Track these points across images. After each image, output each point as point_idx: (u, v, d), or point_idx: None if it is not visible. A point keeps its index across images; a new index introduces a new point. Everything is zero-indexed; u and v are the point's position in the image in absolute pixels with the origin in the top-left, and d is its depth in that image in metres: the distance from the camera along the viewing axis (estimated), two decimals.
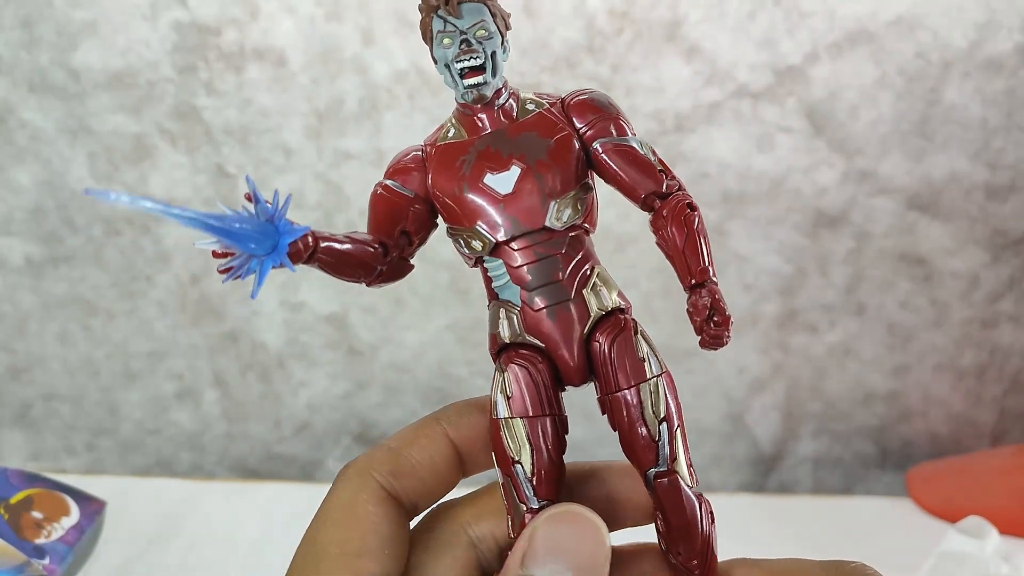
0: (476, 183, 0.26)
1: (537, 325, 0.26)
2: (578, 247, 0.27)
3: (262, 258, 0.23)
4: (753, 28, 0.62)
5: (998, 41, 0.62)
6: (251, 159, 0.64)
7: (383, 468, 0.25)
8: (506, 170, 0.26)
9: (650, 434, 0.25)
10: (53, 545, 0.50)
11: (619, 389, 0.25)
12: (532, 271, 0.26)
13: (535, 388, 0.26)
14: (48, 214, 0.66)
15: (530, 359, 0.26)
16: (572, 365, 0.26)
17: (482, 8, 0.26)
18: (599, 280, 0.27)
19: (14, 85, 0.63)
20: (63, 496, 0.54)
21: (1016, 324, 0.69)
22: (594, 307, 0.26)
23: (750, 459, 0.71)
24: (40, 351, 0.69)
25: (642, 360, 0.25)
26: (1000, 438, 0.71)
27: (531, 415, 0.25)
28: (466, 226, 0.27)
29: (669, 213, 0.26)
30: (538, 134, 0.27)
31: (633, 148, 0.27)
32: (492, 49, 0.26)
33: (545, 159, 0.26)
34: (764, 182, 0.65)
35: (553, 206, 0.26)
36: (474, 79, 0.26)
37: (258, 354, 0.69)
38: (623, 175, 0.27)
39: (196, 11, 0.61)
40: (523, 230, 0.26)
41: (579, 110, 0.27)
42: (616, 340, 0.26)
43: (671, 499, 0.25)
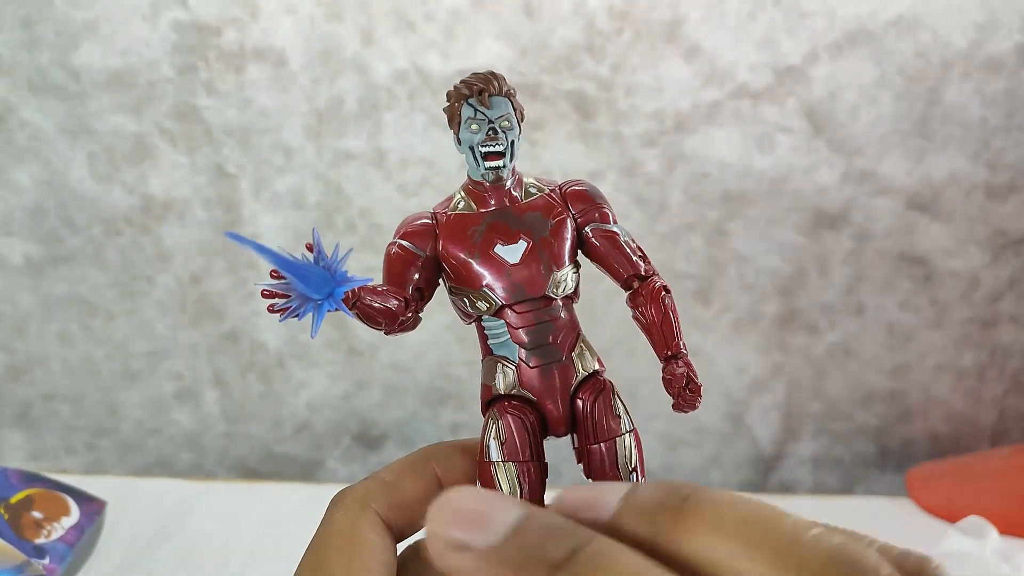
0: (487, 251, 0.30)
1: (531, 381, 0.30)
2: (569, 315, 0.31)
3: (319, 302, 0.26)
4: (753, 28, 0.62)
5: (998, 41, 0.62)
6: (251, 159, 0.64)
7: (380, 499, 0.27)
8: (514, 243, 0.30)
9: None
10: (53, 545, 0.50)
11: (598, 441, 0.29)
12: (530, 333, 0.30)
13: (526, 436, 0.29)
14: (48, 214, 0.66)
15: (522, 410, 0.29)
16: (558, 416, 0.30)
17: (507, 102, 0.30)
18: (583, 345, 0.31)
19: (14, 85, 0.63)
20: (63, 496, 0.54)
21: (1016, 324, 0.69)
22: (580, 368, 0.30)
23: (750, 459, 0.71)
24: (40, 351, 0.69)
25: (618, 417, 0.29)
26: (1000, 438, 0.71)
27: (521, 459, 0.29)
28: (474, 288, 0.30)
29: (647, 294, 0.31)
30: (542, 214, 0.30)
31: (617, 235, 0.31)
32: (512, 138, 0.30)
33: (548, 236, 0.30)
34: (764, 182, 0.65)
35: (552, 278, 0.30)
36: (495, 163, 0.30)
37: (258, 354, 0.69)
38: (609, 257, 0.31)
39: (196, 11, 0.61)
40: (526, 296, 0.30)
41: (574, 198, 0.31)
42: (597, 399, 0.30)
43: None
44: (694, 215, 0.66)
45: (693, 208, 0.65)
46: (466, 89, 0.30)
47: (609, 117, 0.63)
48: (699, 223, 0.66)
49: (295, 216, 0.65)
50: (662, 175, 0.65)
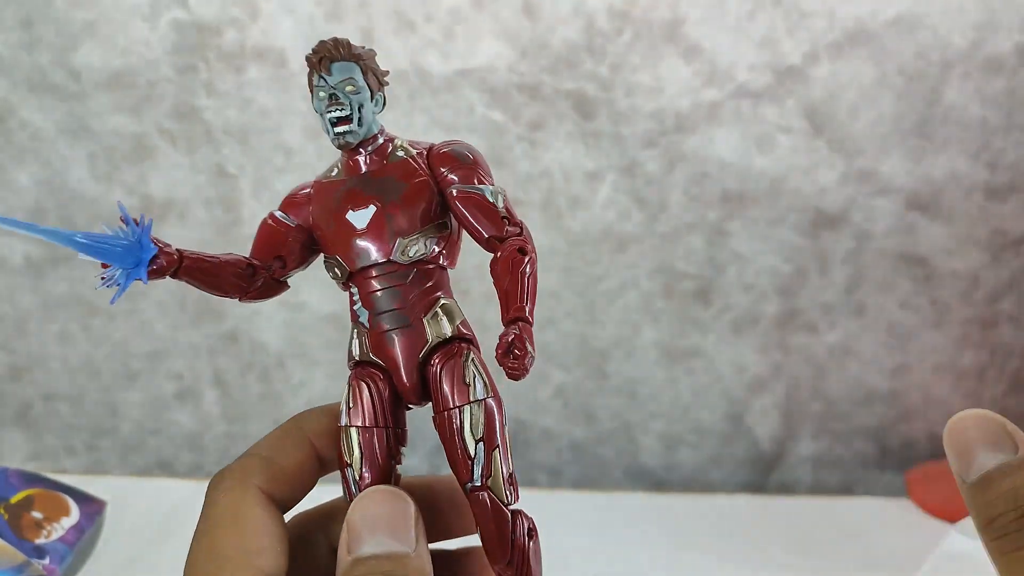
0: (340, 217, 0.30)
1: (380, 346, 0.29)
2: (424, 280, 0.30)
3: (128, 271, 0.28)
4: (753, 28, 0.62)
5: (998, 41, 0.62)
6: (251, 159, 0.64)
7: (260, 476, 0.28)
8: (364, 208, 0.30)
9: (467, 451, 0.28)
10: (53, 545, 0.50)
11: (446, 408, 0.28)
12: (377, 298, 0.29)
13: (371, 402, 0.29)
14: (48, 214, 0.66)
15: (372, 376, 0.29)
16: (408, 385, 0.29)
17: (353, 66, 0.30)
18: (442, 311, 0.30)
19: (14, 85, 0.63)
20: (63, 496, 0.54)
21: (1016, 324, 0.69)
22: (432, 334, 0.29)
23: (750, 459, 0.71)
24: (40, 351, 0.69)
25: (467, 384, 0.28)
26: None
27: (364, 425, 0.29)
28: (330, 254, 0.30)
29: (501, 255, 0.29)
30: (396, 178, 0.30)
31: (480, 195, 0.30)
32: (360, 103, 0.30)
33: (398, 200, 0.30)
34: (764, 182, 0.65)
35: (400, 243, 0.29)
36: (341, 128, 0.30)
37: (258, 354, 0.69)
38: (470, 219, 0.30)
39: (196, 11, 0.61)
40: (371, 261, 0.29)
41: (439, 159, 0.30)
42: (446, 364, 0.29)
43: (481, 513, 0.28)
44: (694, 215, 0.66)
45: (693, 208, 0.65)
46: (311, 58, 0.29)
47: (609, 117, 0.63)
48: (699, 223, 0.66)
49: None
50: (662, 175, 0.65)
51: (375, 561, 0.24)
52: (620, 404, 0.69)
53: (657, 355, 0.68)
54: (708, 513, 0.63)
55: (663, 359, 0.68)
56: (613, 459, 0.70)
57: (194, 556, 0.26)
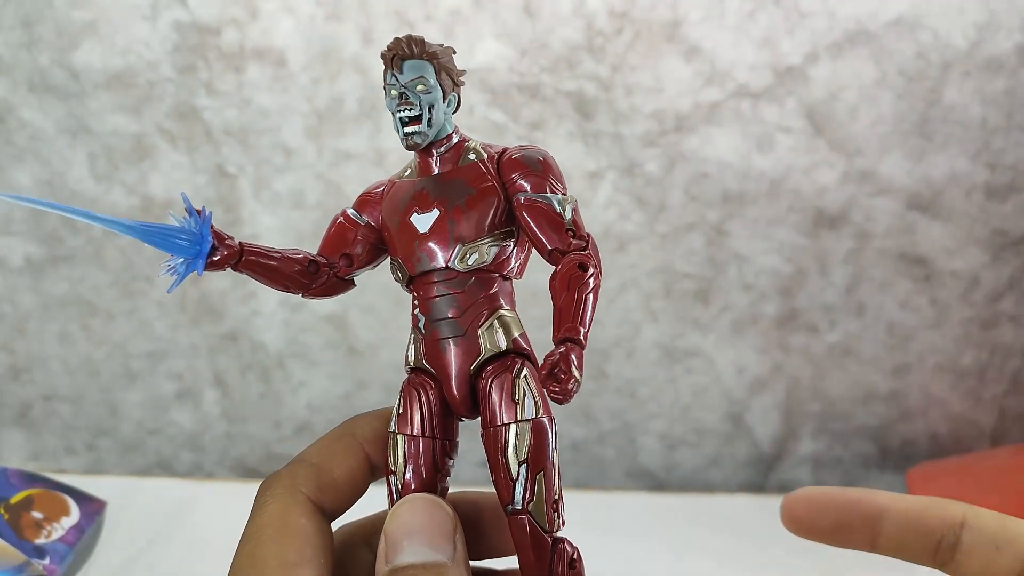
0: (405, 220, 0.29)
1: (433, 355, 0.29)
2: (483, 289, 0.29)
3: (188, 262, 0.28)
4: (753, 28, 0.62)
5: (998, 41, 0.62)
6: (251, 159, 0.64)
7: (309, 484, 0.27)
8: (428, 212, 0.29)
9: (509, 473, 0.27)
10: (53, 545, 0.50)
11: (493, 425, 0.27)
12: (434, 305, 0.28)
13: (420, 411, 0.28)
14: (48, 214, 0.66)
15: (424, 385, 0.28)
16: (457, 397, 0.28)
17: (425, 65, 0.29)
18: (498, 323, 0.28)
19: (14, 85, 0.63)
20: (63, 496, 0.54)
21: (1016, 324, 0.69)
22: (485, 346, 0.28)
23: (750, 459, 0.71)
24: (40, 351, 0.69)
25: (516, 403, 0.27)
26: (1000, 438, 0.71)
27: (411, 434, 0.28)
28: (394, 256, 0.30)
29: (561, 270, 0.28)
30: (465, 182, 0.29)
31: (547, 205, 0.29)
32: (430, 103, 0.29)
33: (462, 205, 0.29)
34: (764, 182, 0.65)
35: (460, 249, 0.28)
36: (410, 128, 0.29)
37: (258, 354, 0.69)
38: (534, 229, 0.28)
39: (196, 11, 0.61)
40: (430, 267, 0.29)
41: (509, 165, 0.29)
42: (496, 379, 0.28)
43: (520, 538, 0.27)
44: (694, 215, 0.66)
45: (693, 208, 0.65)
46: (384, 56, 0.29)
47: (609, 117, 0.63)
48: (699, 223, 0.66)
49: (295, 216, 0.65)
50: (662, 175, 0.65)
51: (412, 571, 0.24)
52: (620, 404, 0.69)
53: (657, 355, 0.68)
54: (708, 513, 0.63)
55: (663, 359, 0.68)
56: (613, 459, 0.70)
57: (237, 561, 0.26)
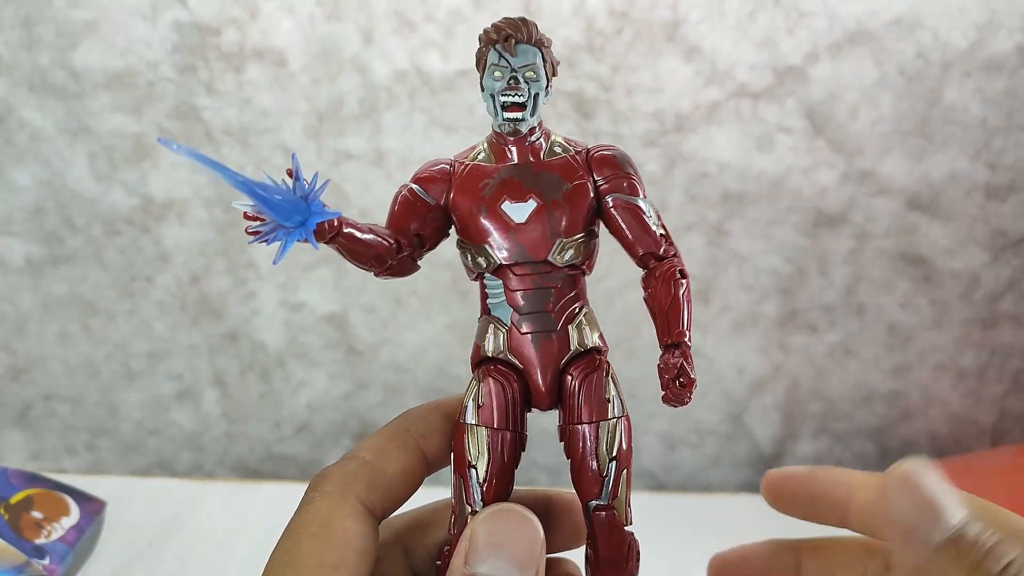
0: (494, 207, 0.29)
1: (520, 347, 0.28)
2: (573, 285, 0.29)
3: (290, 230, 0.25)
4: (753, 28, 0.62)
5: (998, 41, 0.62)
6: (251, 159, 0.64)
7: (360, 483, 0.26)
8: (523, 201, 0.28)
9: (599, 469, 0.27)
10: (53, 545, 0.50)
11: (580, 422, 0.27)
12: (527, 297, 0.28)
13: (504, 403, 0.28)
14: (48, 214, 0.66)
15: (506, 376, 0.28)
16: (543, 391, 0.28)
17: (536, 52, 0.29)
18: (585, 319, 0.29)
19: (14, 85, 0.63)
20: (63, 496, 0.54)
21: (1016, 324, 0.69)
22: (575, 342, 0.28)
23: (750, 459, 0.71)
24: (40, 351, 0.69)
25: (608, 401, 0.28)
26: (1000, 438, 0.71)
27: (495, 427, 0.27)
28: (476, 242, 0.29)
29: (661, 275, 0.28)
30: (559, 176, 0.29)
31: (640, 209, 0.29)
32: (536, 91, 0.29)
33: (560, 200, 0.28)
34: (764, 182, 0.65)
35: (559, 243, 0.28)
36: (514, 114, 0.28)
37: (258, 354, 0.69)
38: (627, 231, 0.29)
39: (196, 11, 0.61)
40: (527, 259, 0.28)
41: (600, 164, 0.29)
42: (588, 377, 0.28)
43: (604, 531, 0.27)
44: (694, 215, 0.66)
45: (693, 208, 0.65)
46: (494, 34, 0.28)
47: (609, 117, 0.63)
48: (699, 223, 0.66)
49: None
50: (662, 175, 0.65)
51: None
52: None
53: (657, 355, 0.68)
54: (708, 513, 0.63)
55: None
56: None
57: (275, 555, 0.25)
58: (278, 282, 0.67)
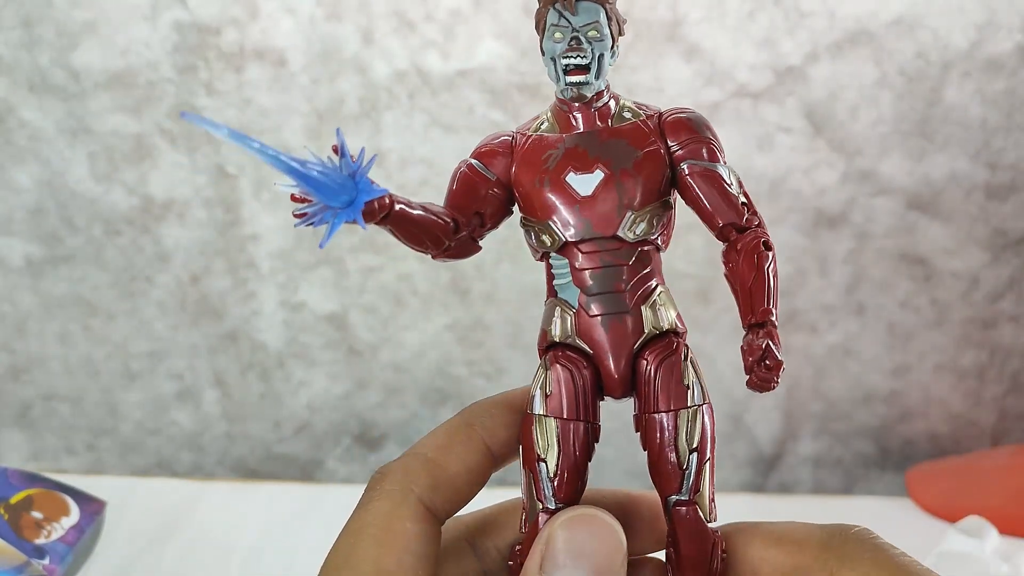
0: (558, 179, 0.26)
1: (589, 331, 0.26)
2: (646, 262, 0.27)
3: (337, 211, 0.23)
4: (753, 28, 0.62)
5: (998, 41, 0.62)
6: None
7: (422, 482, 0.25)
8: (589, 172, 0.26)
9: (679, 461, 0.25)
10: (53, 545, 0.50)
11: (657, 411, 0.25)
12: (595, 276, 0.26)
13: (574, 392, 0.26)
14: (48, 214, 0.66)
15: (576, 363, 0.26)
16: (616, 377, 0.26)
17: (599, 9, 0.26)
18: (660, 298, 0.26)
19: (14, 85, 0.63)
20: (63, 496, 0.54)
21: (1016, 324, 0.69)
22: (649, 324, 0.26)
23: (750, 459, 0.71)
24: (40, 351, 0.69)
25: (687, 387, 0.26)
26: (1000, 438, 0.71)
27: (565, 417, 0.26)
28: (540, 219, 0.27)
29: (743, 248, 0.26)
30: (628, 143, 0.26)
31: (720, 175, 0.27)
32: (600, 51, 0.26)
33: (630, 169, 0.26)
34: (764, 182, 0.65)
35: (629, 217, 0.26)
36: (577, 77, 0.26)
37: (258, 354, 0.69)
38: (705, 200, 0.27)
39: (196, 11, 0.61)
40: (594, 235, 0.26)
41: (674, 128, 0.27)
42: (664, 362, 0.26)
43: (686, 529, 0.25)
44: (694, 215, 0.65)
45: None
46: None
47: None
48: (699, 223, 0.66)
49: None
50: None
51: None
52: (620, 404, 0.69)
53: None
54: None
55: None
56: (613, 459, 0.70)
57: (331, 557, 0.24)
58: (278, 282, 0.67)
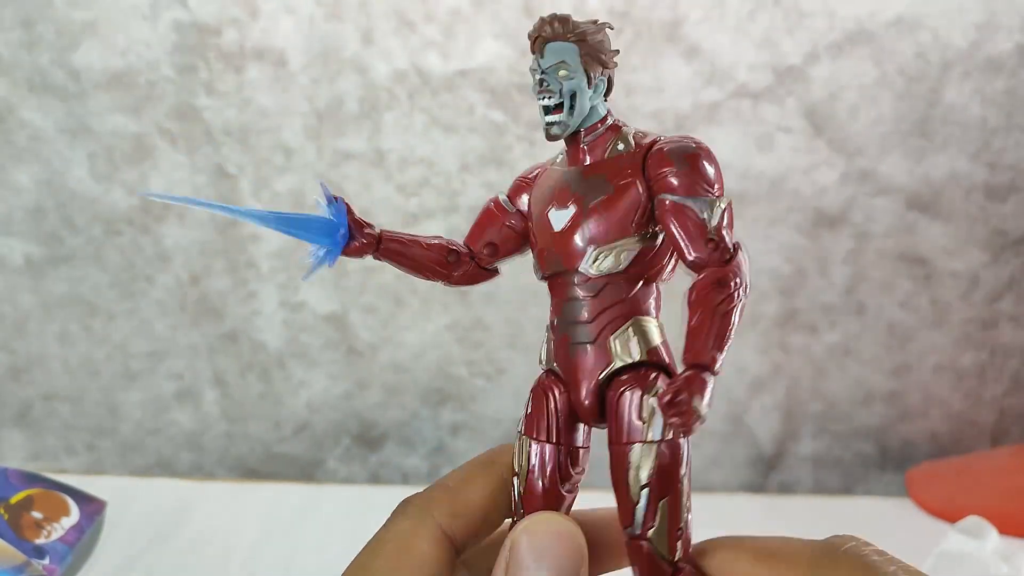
0: (544, 214, 0.27)
1: (561, 358, 0.27)
2: (618, 294, 0.26)
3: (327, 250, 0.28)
4: (753, 28, 0.62)
5: (998, 41, 0.62)
6: (251, 159, 0.64)
7: (442, 508, 0.26)
8: (565, 208, 0.27)
9: (629, 496, 0.25)
10: (53, 545, 0.50)
11: (618, 443, 0.25)
12: (564, 307, 0.27)
13: (544, 413, 0.26)
14: (48, 214, 0.66)
15: (554, 387, 0.27)
16: (584, 406, 0.26)
17: (568, 48, 0.26)
18: (634, 330, 0.26)
19: (14, 85, 0.63)
20: (63, 496, 0.54)
21: (1016, 324, 0.69)
22: (616, 354, 0.26)
23: (750, 459, 0.71)
24: (40, 351, 0.69)
25: (643, 421, 0.25)
26: (1000, 438, 0.71)
27: (535, 437, 0.26)
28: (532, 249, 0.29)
29: (697, 283, 0.25)
30: (606, 178, 0.26)
31: (691, 209, 0.25)
32: (572, 89, 0.26)
33: (598, 205, 0.26)
34: (764, 182, 0.65)
35: (591, 252, 0.26)
36: (552, 117, 0.26)
37: (258, 354, 0.69)
38: (675, 234, 0.25)
39: (196, 11, 0.61)
40: (560, 269, 0.27)
41: (656, 160, 0.26)
42: (625, 394, 0.25)
43: (637, 563, 0.25)
44: None
45: None
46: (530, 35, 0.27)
47: None
48: None
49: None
50: None
51: None
52: None
53: None
54: (708, 513, 0.63)
55: None
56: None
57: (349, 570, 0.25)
58: (278, 282, 0.67)
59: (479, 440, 0.70)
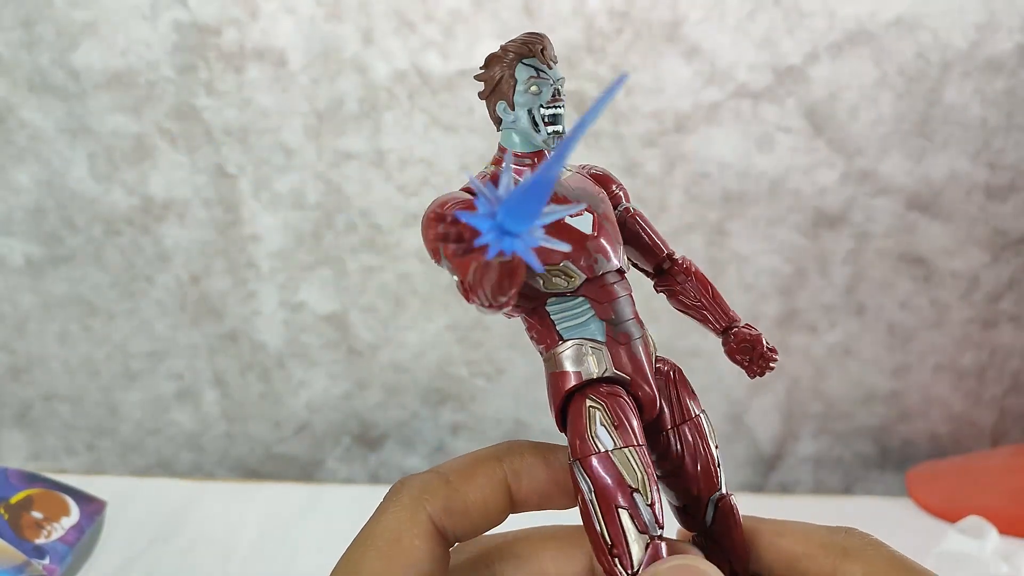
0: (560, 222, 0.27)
1: (622, 360, 0.27)
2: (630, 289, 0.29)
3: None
4: (753, 28, 0.62)
5: (998, 41, 0.62)
6: (251, 159, 0.64)
7: (437, 501, 0.25)
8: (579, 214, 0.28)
9: (714, 460, 0.28)
10: (53, 545, 0.50)
11: (690, 419, 0.28)
12: (616, 307, 0.28)
13: (633, 417, 0.26)
14: (48, 214, 0.66)
15: (622, 393, 0.27)
16: (651, 396, 0.28)
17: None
18: None
19: (14, 85, 0.63)
20: (63, 496, 0.54)
21: (1016, 324, 0.69)
22: (652, 343, 0.29)
23: (750, 459, 0.71)
24: (40, 351, 0.69)
25: (694, 394, 0.29)
26: (1000, 438, 0.71)
27: (638, 444, 0.26)
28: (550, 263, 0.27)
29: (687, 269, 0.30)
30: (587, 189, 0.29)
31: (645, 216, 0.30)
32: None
33: (606, 211, 0.29)
34: (764, 182, 0.65)
35: (619, 249, 0.28)
36: (555, 127, 0.28)
37: (258, 354, 0.69)
38: (645, 238, 0.30)
39: (196, 11, 0.61)
40: (609, 268, 0.28)
41: (604, 179, 0.30)
42: (675, 375, 0.29)
43: (734, 522, 0.28)
44: (694, 215, 0.66)
45: (693, 208, 0.65)
46: (525, 49, 0.27)
47: (609, 117, 0.63)
48: (699, 223, 0.66)
49: (295, 216, 0.65)
50: (662, 175, 0.65)
51: None
52: None
53: None
54: None
55: None
56: None
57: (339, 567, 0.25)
58: (278, 282, 0.67)
59: (479, 440, 0.70)
